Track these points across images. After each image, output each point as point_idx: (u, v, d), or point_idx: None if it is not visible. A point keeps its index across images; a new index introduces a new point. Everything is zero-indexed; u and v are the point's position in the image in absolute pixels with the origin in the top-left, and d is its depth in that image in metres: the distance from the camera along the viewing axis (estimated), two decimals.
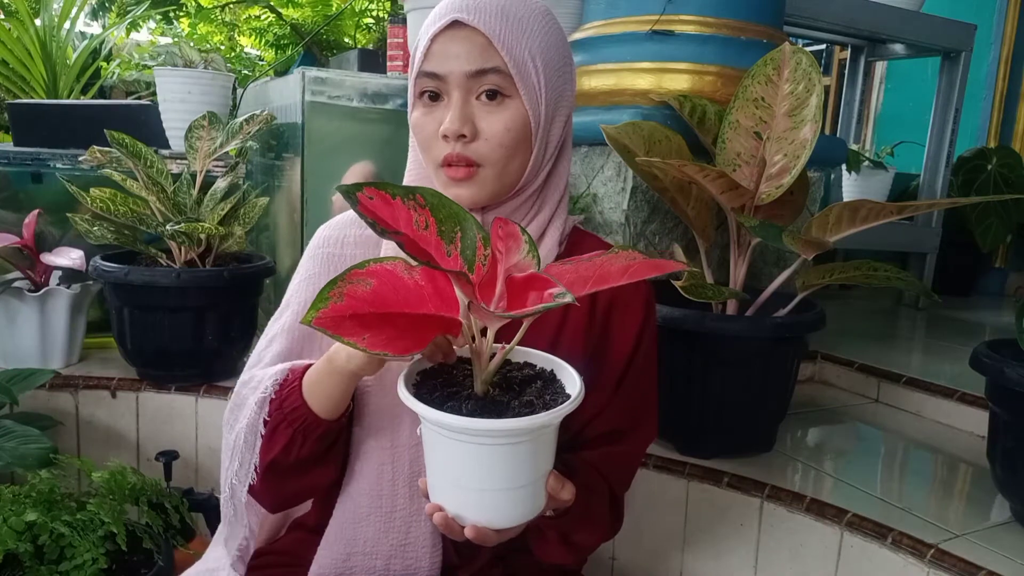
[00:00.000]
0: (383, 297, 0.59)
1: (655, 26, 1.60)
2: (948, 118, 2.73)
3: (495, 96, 0.80)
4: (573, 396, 0.65)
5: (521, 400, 0.65)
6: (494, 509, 0.66)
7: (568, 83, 0.87)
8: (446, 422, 0.61)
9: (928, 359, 2.15)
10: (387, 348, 0.58)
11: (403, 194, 0.59)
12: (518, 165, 0.84)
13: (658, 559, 1.39)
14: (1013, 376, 1.09)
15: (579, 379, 0.68)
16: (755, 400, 1.38)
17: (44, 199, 1.93)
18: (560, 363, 0.72)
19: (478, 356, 0.65)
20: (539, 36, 0.82)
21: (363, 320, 0.58)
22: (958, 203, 1.40)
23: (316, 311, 0.56)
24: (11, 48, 2.77)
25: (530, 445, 0.65)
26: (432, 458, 0.68)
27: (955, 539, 1.12)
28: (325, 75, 1.74)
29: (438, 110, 0.82)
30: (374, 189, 0.57)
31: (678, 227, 1.62)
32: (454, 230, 0.61)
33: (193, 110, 2.00)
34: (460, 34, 0.79)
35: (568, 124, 0.89)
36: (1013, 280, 3.42)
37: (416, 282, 0.61)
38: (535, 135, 0.83)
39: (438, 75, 0.80)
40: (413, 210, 0.59)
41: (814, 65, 1.35)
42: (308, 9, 4.11)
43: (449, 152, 0.81)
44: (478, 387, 0.66)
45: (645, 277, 0.64)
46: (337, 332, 0.56)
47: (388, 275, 0.60)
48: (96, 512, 1.20)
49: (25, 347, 1.72)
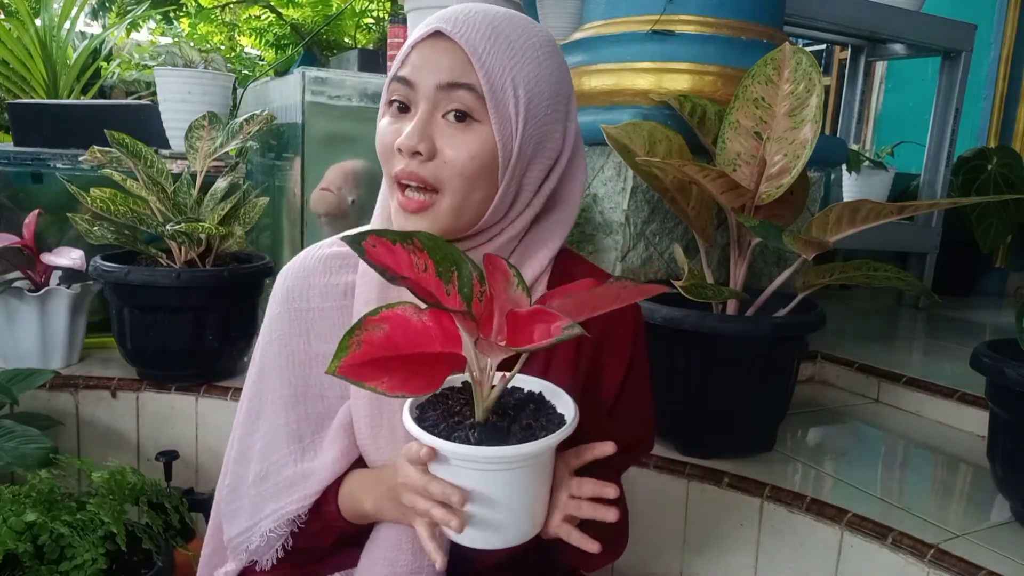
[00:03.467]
0: (395, 341, 0.63)
1: (655, 26, 1.60)
2: (948, 118, 2.73)
3: (464, 118, 0.74)
4: (570, 415, 0.68)
5: (520, 424, 0.67)
6: (496, 531, 0.69)
7: (558, 124, 0.79)
8: (459, 452, 0.64)
9: (928, 359, 2.15)
10: (404, 389, 0.62)
11: (402, 240, 0.61)
12: (479, 200, 0.76)
13: (658, 559, 1.39)
14: (1013, 376, 1.09)
15: (569, 398, 0.70)
16: (755, 400, 1.38)
17: (44, 199, 1.93)
18: (547, 384, 0.73)
19: (479, 386, 0.67)
20: (529, 64, 0.75)
21: (380, 364, 0.62)
22: (958, 203, 1.40)
23: (338, 360, 0.60)
24: (11, 48, 2.76)
25: (533, 467, 0.67)
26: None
27: (955, 539, 1.12)
28: (325, 75, 1.74)
29: (403, 122, 0.76)
30: (376, 238, 0.60)
31: (678, 227, 1.62)
32: (451, 270, 0.63)
33: (193, 110, 2.00)
34: (440, 45, 0.74)
35: (564, 174, 0.82)
36: (1013, 280, 3.42)
37: (424, 323, 0.65)
38: (503, 171, 0.76)
39: (409, 81, 0.75)
40: (412, 254, 0.61)
41: (814, 65, 1.35)
42: (308, 9, 4.11)
43: (401, 168, 0.75)
44: (479, 415, 0.67)
45: (633, 300, 0.66)
46: (359, 379, 0.61)
47: (399, 319, 0.64)
48: (96, 512, 1.20)
49: (25, 347, 1.72)
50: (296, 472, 0.82)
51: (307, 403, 0.84)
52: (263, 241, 2.16)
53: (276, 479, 0.83)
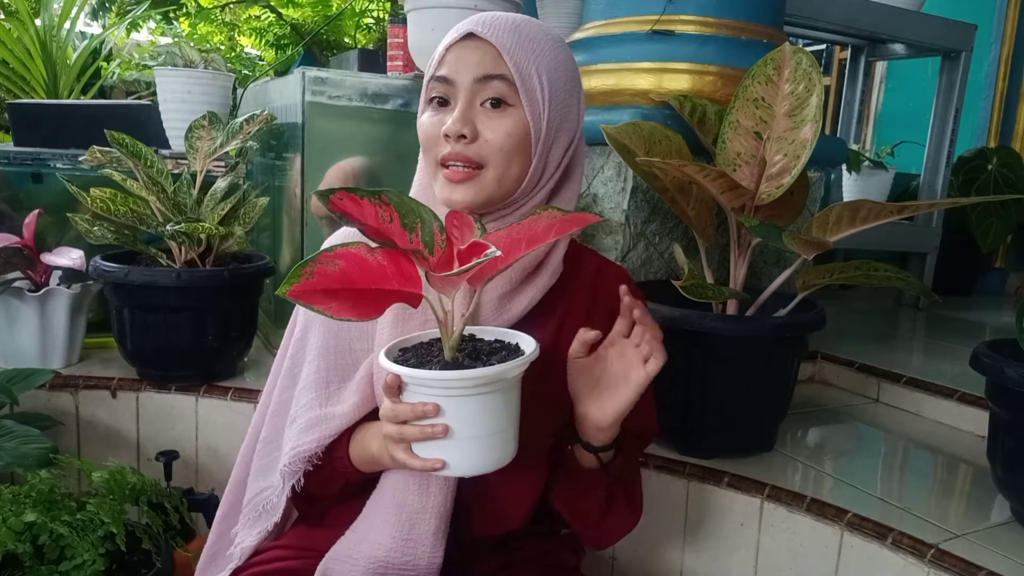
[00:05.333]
0: (350, 275, 0.69)
1: (655, 26, 1.60)
2: (948, 118, 2.73)
3: (499, 104, 0.85)
4: (527, 353, 0.75)
5: (485, 363, 0.74)
6: (469, 456, 0.76)
7: (573, 108, 0.91)
8: (415, 375, 0.73)
9: (928, 359, 2.15)
10: (350, 314, 0.69)
11: (370, 195, 0.68)
12: (517, 172, 0.87)
13: (658, 559, 1.39)
14: (1013, 376, 1.09)
15: (535, 344, 0.77)
16: (755, 400, 1.38)
17: (44, 199, 1.93)
18: (524, 336, 0.80)
19: (444, 326, 0.75)
20: (547, 56, 0.87)
21: (331, 293, 0.68)
22: (958, 203, 1.40)
23: (289, 285, 0.66)
24: (11, 48, 2.77)
25: (495, 396, 0.74)
26: None
27: (955, 539, 1.12)
28: (325, 75, 1.74)
29: (444, 114, 0.87)
30: (345, 191, 0.67)
31: (678, 227, 1.62)
32: (415, 222, 0.70)
33: (193, 110, 2.00)
34: (472, 44, 0.85)
35: (572, 153, 0.92)
36: (1013, 280, 3.42)
37: (379, 263, 0.71)
38: (535, 146, 0.87)
39: (447, 79, 0.86)
40: (379, 207, 0.68)
41: (814, 65, 1.35)
42: (308, 9, 4.11)
43: (448, 151, 0.85)
44: (447, 354, 0.75)
45: (568, 232, 0.74)
46: (308, 302, 0.68)
47: (354, 257, 0.70)
48: (96, 512, 1.20)
49: (25, 347, 1.72)
50: (319, 415, 0.89)
51: (337, 354, 0.92)
52: (263, 241, 2.16)
53: (302, 421, 0.90)
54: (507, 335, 0.82)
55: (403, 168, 0.93)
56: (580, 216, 0.75)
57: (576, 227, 0.75)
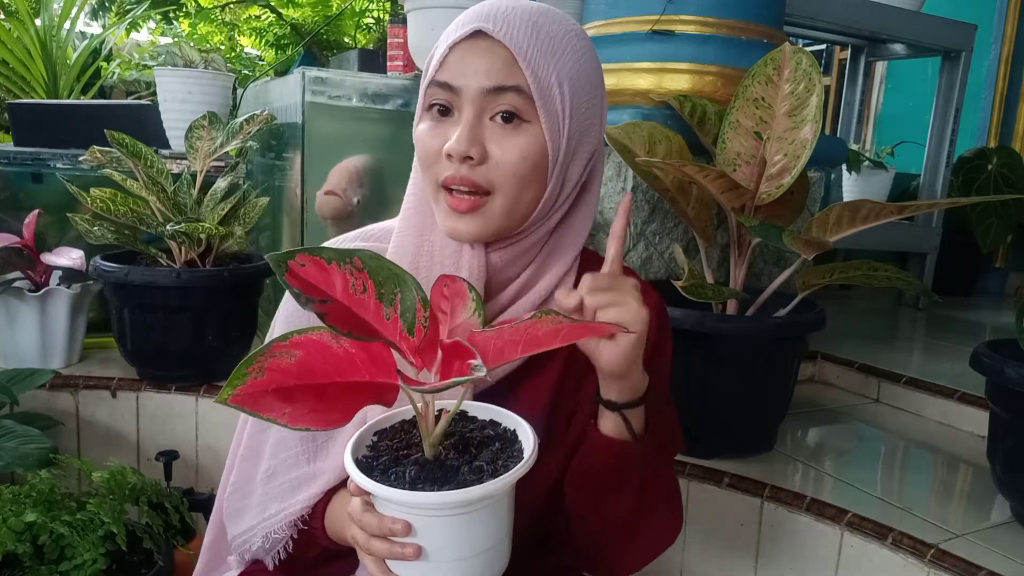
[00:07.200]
0: (310, 368, 0.57)
1: (655, 26, 1.60)
2: (948, 118, 2.73)
3: (512, 119, 0.72)
4: (519, 464, 0.61)
5: (472, 466, 0.61)
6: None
7: (596, 117, 0.78)
8: (381, 493, 0.58)
9: (928, 359, 2.15)
10: (311, 423, 0.56)
11: (339, 258, 0.56)
12: (530, 200, 0.75)
13: (658, 559, 1.39)
14: (1013, 376, 1.09)
15: (534, 440, 0.63)
16: (755, 400, 1.38)
17: (44, 199, 1.93)
18: (522, 423, 0.67)
19: (423, 419, 0.62)
20: (571, 59, 0.73)
21: (286, 394, 0.56)
22: (958, 203, 1.40)
23: (232, 389, 0.54)
24: (11, 48, 2.76)
25: (479, 514, 0.60)
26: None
27: (955, 539, 1.12)
28: (325, 75, 1.74)
29: (446, 125, 0.74)
30: (307, 255, 0.55)
31: (678, 227, 1.62)
32: (394, 292, 0.58)
33: (193, 110, 2.00)
34: (482, 45, 0.71)
35: (593, 164, 0.80)
36: (1013, 280, 3.42)
37: (346, 350, 0.58)
38: (551, 169, 0.75)
39: (451, 87, 0.72)
40: (350, 274, 0.56)
41: (814, 65, 1.35)
42: (308, 9, 4.11)
43: (452, 173, 0.73)
44: (427, 450, 0.62)
45: (577, 340, 0.62)
46: (255, 409, 0.55)
47: (315, 345, 0.58)
48: (96, 512, 1.20)
49: (25, 347, 1.72)
50: (306, 472, 0.80)
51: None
52: (263, 241, 2.16)
53: (284, 478, 0.80)
54: (503, 416, 0.68)
55: (403, 168, 0.91)
56: (594, 326, 0.63)
57: (588, 336, 0.63)
